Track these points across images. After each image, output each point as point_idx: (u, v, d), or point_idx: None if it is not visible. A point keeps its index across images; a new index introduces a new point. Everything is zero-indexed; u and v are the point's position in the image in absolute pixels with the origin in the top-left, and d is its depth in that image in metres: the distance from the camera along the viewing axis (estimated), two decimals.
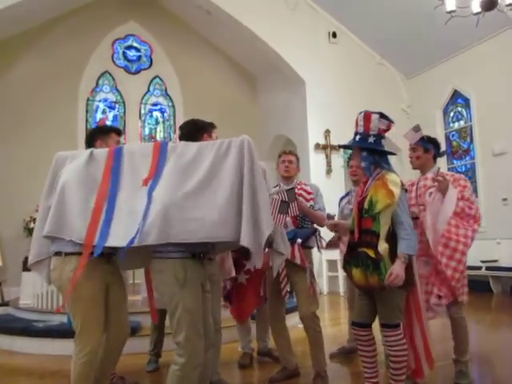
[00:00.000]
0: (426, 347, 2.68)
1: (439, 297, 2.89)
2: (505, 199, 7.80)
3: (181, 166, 2.20)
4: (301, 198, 3.27)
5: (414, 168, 3.17)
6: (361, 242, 2.47)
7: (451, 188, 2.87)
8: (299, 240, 3.18)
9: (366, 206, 2.48)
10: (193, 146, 2.27)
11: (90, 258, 2.18)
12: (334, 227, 3.20)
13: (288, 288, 3.23)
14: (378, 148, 2.54)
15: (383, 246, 2.39)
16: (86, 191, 2.26)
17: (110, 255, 2.38)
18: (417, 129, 3.03)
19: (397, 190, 2.41)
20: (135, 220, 2.12)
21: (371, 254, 2.40)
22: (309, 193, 3.32)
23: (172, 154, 2.27)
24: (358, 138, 2.56)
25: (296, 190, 3.32)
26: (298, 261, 3.15)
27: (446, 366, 3.32)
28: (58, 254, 2.33)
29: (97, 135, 2.75)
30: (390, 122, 2.57)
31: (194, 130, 2.67)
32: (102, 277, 2.31)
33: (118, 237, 2.15)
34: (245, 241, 2.07)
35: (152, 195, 2.15)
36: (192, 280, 2.16)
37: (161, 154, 2.28)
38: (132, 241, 2.06)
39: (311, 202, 3.29)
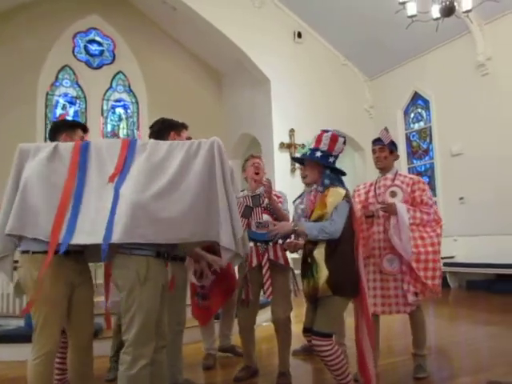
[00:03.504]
0: (364, 360, 2.60)
1: (416, 294, 3.00)
2: (461, 198, 8.11)
3: (150, 165, 2.17)
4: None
5: (380, 168, 3.24)
6: (308, 252, 2.56)
7: (400, 206, 2.99)
8: (280, 241, 3.19)
9: (312, 218, 2.61)
10: (163, 145, 2.24)
11: (56, 256, 2.11)
12: (294, 248, 3.19)
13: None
14: (339, 168, 2.66)
15: (317, 250, 2.48)
16: (50, 187, 2.19)
17: (78, 253, 2.31)
18: (387, 130, 3.20)
19: (333, 201, 2.49)
20: (103, 217, 2.09)
21: (309, 259, 2.51)
22: (278, 197, 3.39)
23: (141, 153, 2.24)
24: (319, 154, 2.62)
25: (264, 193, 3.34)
26: (282, 261, 3.21)
27: (405, 360, 3.43)
28: (25, 252, 2.26)
29: (62, 129, 2.63)
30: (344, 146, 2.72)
31: (162, 128, 2.67)
32: (68, 277, 2.24)
33: (84, 233, 2.11)
34: (225, 241, 2.10)
35: (119, 192, 2.12)
36: (153, 279, 2.14)
37: (129, 151, 2.25)
38: (108, 238, 2.03)
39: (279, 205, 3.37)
